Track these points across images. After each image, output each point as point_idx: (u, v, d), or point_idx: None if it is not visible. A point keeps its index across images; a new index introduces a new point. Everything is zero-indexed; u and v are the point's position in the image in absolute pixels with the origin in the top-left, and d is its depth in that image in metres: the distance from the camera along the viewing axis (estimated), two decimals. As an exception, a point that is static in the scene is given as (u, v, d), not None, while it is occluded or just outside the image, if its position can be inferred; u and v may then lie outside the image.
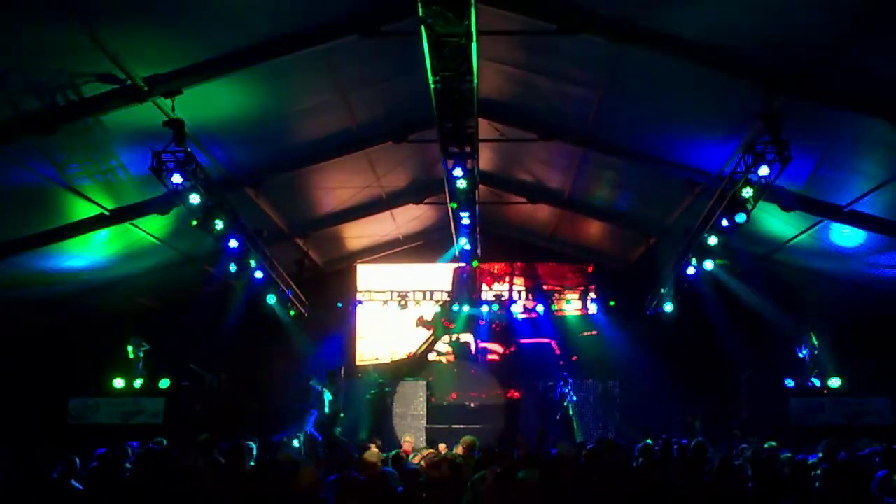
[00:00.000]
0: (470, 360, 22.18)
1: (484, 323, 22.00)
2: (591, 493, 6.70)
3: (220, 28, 10.11)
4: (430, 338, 22.45)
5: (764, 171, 11.16)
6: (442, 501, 8.31)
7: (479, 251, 18.47)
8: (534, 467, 8.28)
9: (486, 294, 22.26)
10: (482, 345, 22.24)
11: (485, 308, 21.94)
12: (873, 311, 16.97)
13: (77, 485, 8.84)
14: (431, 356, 22.28)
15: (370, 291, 22.31)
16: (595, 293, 21.99)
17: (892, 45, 9.07)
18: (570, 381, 19.16)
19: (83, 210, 13.10)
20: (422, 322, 22.47)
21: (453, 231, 16.64)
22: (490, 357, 22.40)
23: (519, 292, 22.37)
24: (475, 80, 9.89)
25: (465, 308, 21.67)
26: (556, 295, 22.03)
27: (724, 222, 12.89)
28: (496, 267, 22.39)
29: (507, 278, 22.45)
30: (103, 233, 14.04)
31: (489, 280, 22.45)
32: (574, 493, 7.25)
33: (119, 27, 9.29)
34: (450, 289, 22.27)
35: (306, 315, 20.26)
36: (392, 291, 22.18)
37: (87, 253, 14.69)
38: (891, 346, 16.63)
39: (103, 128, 11.11)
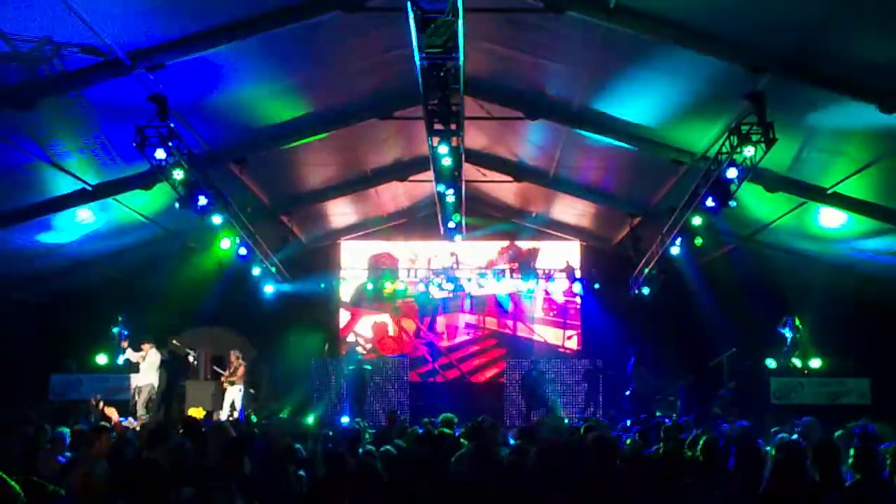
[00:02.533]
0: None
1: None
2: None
3: (203, 2, 10.01)
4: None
5: (749, 151, 11.19)
6: None
7: (464, 229, 18.47)
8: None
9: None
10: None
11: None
12: (854, 293, 17.10)
13: (62, 459, 8.90)
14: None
15: (354, 269, 22.29)
16: (580, 272, 22.00)
17: (878, 27, 9.08)
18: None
19: (65, 185, 13.01)
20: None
21: (438, 209, 16.61)
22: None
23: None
24: (461, 58, 9.83)
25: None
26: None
27: (709, 202, 12.94)
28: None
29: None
30: (86, 208, 13.94)
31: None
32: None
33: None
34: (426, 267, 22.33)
35: (290, 292, 20.25)
36: (376, 269, 22.15)
37: (70, 228, 14.60)
38: (870, 326, 16.77)
39: (86, 102, 11.00)
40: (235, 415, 17.43)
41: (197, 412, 16.23)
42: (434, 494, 7.21)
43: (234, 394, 17.75)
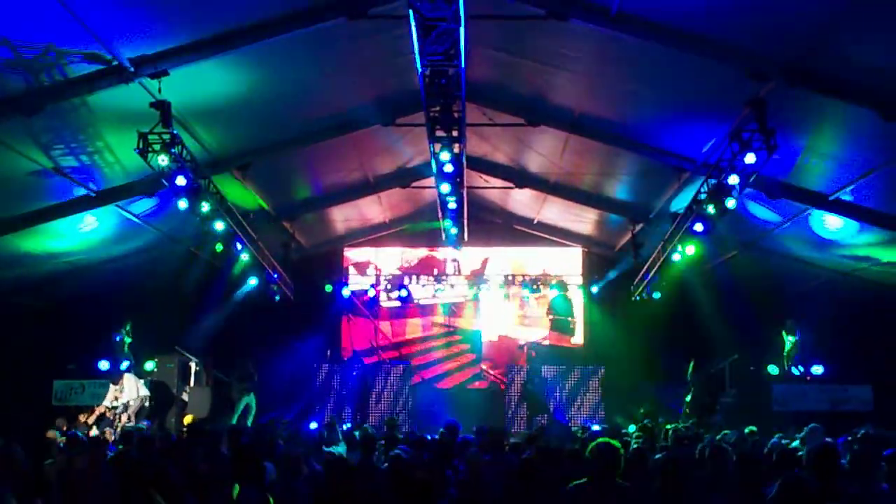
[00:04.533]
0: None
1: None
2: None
3: (207, 9, 10.03)
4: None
5: (750, 158, 11.20)
6: None
7: (465, 235, 18.49)
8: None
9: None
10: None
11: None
12: (856, 299, 17.08)
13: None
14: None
15: (357, 274, 22.35)
16: (582, 278, 22.04)
17: (879, 34, 9.09)
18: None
19: (69, 191, 13.03)
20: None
21: (440, 215, 16.64)
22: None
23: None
24: (463, 65, 9.87)
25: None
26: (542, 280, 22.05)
27: (710, 209, 12.95)
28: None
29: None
30: (89, 214, 13.96)
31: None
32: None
33: (104, 5, 9.21)
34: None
35: (292, 297, 20.28)
36: (378, 275, 22.22)
37: (73, 234, 14.62)
38: (873, 333, 16.76)
39: (89, 109, 11.02)
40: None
41: (189, 419, 16.32)
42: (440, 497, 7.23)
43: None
